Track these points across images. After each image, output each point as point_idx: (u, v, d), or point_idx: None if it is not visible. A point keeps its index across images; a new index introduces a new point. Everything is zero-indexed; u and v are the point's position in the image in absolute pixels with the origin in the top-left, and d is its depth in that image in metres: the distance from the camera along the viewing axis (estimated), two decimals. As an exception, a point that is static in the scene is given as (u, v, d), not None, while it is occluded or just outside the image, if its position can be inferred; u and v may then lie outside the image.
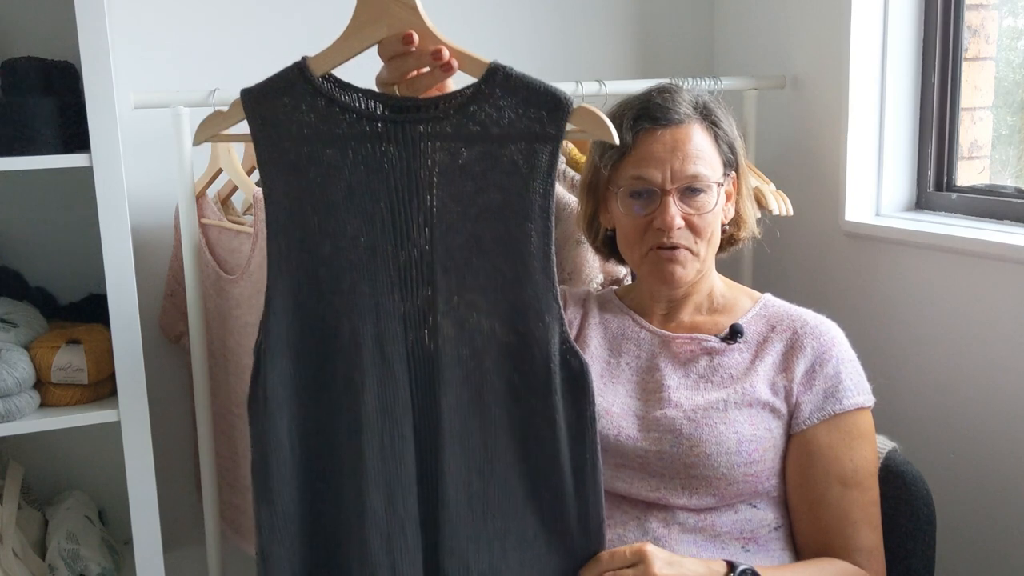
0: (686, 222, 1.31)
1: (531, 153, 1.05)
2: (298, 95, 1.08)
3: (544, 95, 1.05)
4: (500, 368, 1.11)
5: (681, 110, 1.32)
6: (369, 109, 1.08)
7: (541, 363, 1.10)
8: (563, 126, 1.05)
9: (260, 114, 1.09)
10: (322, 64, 1.09)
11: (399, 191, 1.09)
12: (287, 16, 1.97)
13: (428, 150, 1.07)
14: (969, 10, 1.87)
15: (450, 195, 1.08)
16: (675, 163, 1.30)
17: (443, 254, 1.09)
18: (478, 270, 1.09)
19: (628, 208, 1.34)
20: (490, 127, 1.06)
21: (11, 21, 1.76)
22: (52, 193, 1.81)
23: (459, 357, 1.11)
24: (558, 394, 1.11)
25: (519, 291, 1.09)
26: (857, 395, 1.32)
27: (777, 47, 2.12)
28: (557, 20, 2.17)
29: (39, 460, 1.88)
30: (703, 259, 1.34)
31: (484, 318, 1.10)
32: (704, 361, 1.35)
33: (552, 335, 1.09)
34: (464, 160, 1.07)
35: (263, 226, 1.59)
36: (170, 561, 1.66)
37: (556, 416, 1.11)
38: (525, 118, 1.05)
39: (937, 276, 1.79)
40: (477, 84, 1.06)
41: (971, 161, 1.92)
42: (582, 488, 1.14)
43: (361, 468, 1.13)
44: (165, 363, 1.95)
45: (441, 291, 1.10)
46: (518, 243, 1.07)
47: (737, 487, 1.28)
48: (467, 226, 1.09)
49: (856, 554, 1.29)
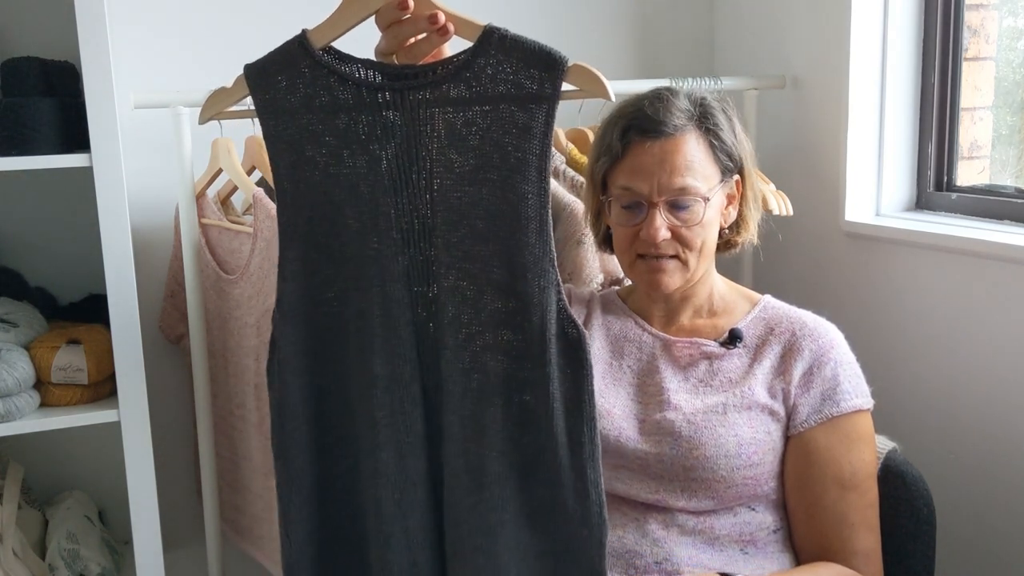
0: (674, 233, 1.31)
1: (528, 113, 1.06)
2: (299, 68, 1.10)
3: (539, 55, 1.05)
4: (497, 333, 1.11)
5: (673, 121, 1.30)
6: (369, 78, 1.09)
7: (537, 329, 1.09)
8: (559, 85, 1.05)
9: (263, 88, 1.11)
10: (322, 36, 1.10)
11: (400, 157, 1.10)
12: (287, 16, 1.97)
13: (427, 115, 1.09)
14: (969, 10, 1.87)
15: (449, 158, 1.09)
16: (662, 176, 1.29)
17: (443, 217, 1.11)
18: (476, 233, 1.10)
19: (619, 217, 1.35)
20: (487, 89, 1.06)
21: (11, 21, 1.75)
22: (52, 193, 1.81)
23: (459, 321, 1.12)
24: (553, 363, 1.10)
25: (515, 254, 1.09)
26: (855, 398, 1.32)
27: (777, 47, 2.12)
28: (557, 20, 2.17)
29: (39, 460, 1.88)
30: (693, 269, 1.34)
31: (482, 281, 1.11)
32: (704, 365, 1.35)
33: (548, 300, 1.09)
34: (462, 123, 1.08)
35: (263, 226, 1.60)
36: (170, 561, 1.66)
37: (551, 386, 1.10)
38: (521, 79, 1.06)
39: (937, 276, 1.79)
40: (473, 47, 1.07)
41: (971, 161, 1.92)
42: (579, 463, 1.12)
43: (373, 429, 1.15)
44: (165, 363, 1.95)
45: (441, 254, 1.11)
46: (514, 205, 1.08)
47: (736, 490, 1.28)
48: (466, 188, 1.10)
49: (853, 557, 1.29)
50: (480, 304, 1.11)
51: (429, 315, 1.13)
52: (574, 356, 1.11)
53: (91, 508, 1.86)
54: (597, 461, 1.12)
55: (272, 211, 1.55)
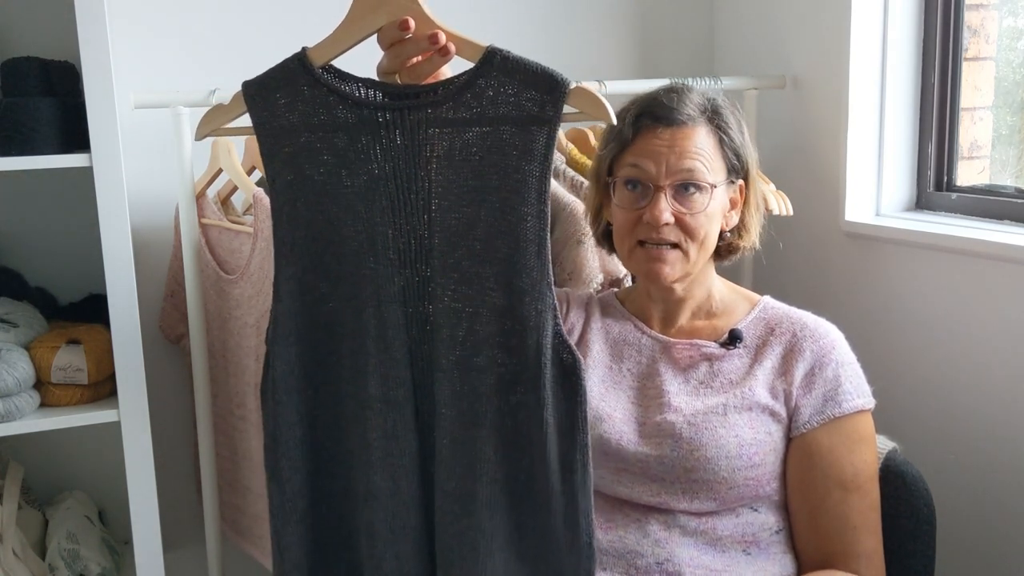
0: (677, 220, 1.31)
1: (528, 136, 1.06)
2: (299, 86, 1.09)
3: (541, 77, 1.05)
4: (492, 356, 1.11)
5: (686, 111, 1.31)
6: (369, 97, 1.09)
7: (532, 354, 1.09)
8: (560, 108, 1.05)
9: (261, 106, 1.10)
10: (322, 54, 1.09)
11: (398, 176, 1.10)
12: (287, 16, 1.97)
13: (427, 135, 1.08)
14: (969, 10, 1.87)
15: (448, 179, 1.09)
16: (671, 158, 1.30)
17: (440, 238, 1.10)
18: (474, 254, 1.10)
19: (622, 199, 1.34)
20: (487, 110, 1.06)
21: (11, 21, 1.75)
22: (52, 193, 1.81)
23: (454, 342, 1.11)
24: (547, 388, 1.10)
25: (513, 276, 1.09)
26: (857, 398, 1.32)
27: (777, 47, 2.12)
28: (557, 20, 2.17)
29: (39, 460, 1.88)
30: (693, 261, 1.34)
31: (479, 303, 1.10)
32: (704, 367, 1.35)
33: (545, 324, 1.09)
34: (462, 144, 1.08)
35: (263, 226, 1.60)
36: (170, 561, 1.66)
37: (544, 411, 1.10)
38: (522, 100, 1.05)
39: (937, 276, 1.79)
40: (475, 68, 1.07)
41: (971, 161, 1.92)
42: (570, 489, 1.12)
43: (366, 451, 1.14)
44: (165, 363, 1.95)
45: (438, 275, 1.11)
46: (514, 227, 1.08)
47: (738, 491, 1.27)
48: (464, 209, 1.09)
49: (855, 559, 1.29)
50: (476, 326, 1.10)
51: (424, 336, 1.13)
52: (568, 382, 1.10)
53: (91, 508, 1.86)
54: (588, 489, 1.12)
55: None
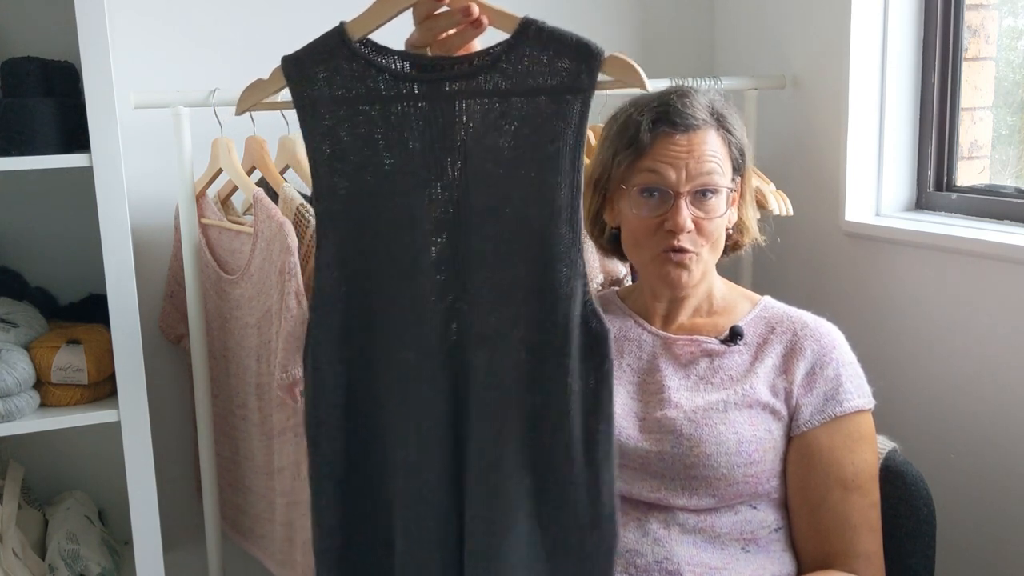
0: (695, 225, 1.31)
1: (563, 104, 1.07)
2: (337, 59, 1.10)
3: (576, 46, 1.07)
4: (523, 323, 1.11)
5: (699, 115, 1.32)
6: (405, 70, 1.10)
7: (562, 320, 1.09)
8: (595, 76, 1.06)
9: (300, 80, 1.11)
10: (360, 28, 1.10)
11: (434, 148, 1.11)
12: (288, 15, 1.97)
13: (462, 106, 1.09)
14: (969, 10, 1.87)
15: (483, 148, 1.10)
16: (690, 164, 1.30)
17: (475, 208, 1.11)
18: (508, 222, 1.10)
19: (639, 207, 1.34)
20: (522, 81, 1.07)
21: (11, 21, 1.75)
22: (52, 193, 1.81)
23: (486, 313, 1.12)
24: (574, 356, 1.10)
25: (547, 244, 1.09)
26: (857, 397, 1.32)
27: (777, 47, 2.12)
28: (557, 20, 2.16)
29: (39, 460, 1.88)
30: (705, 263, 1.35)
31: (512, 272, 1.11)
32: (704, 363, 1.35)
33: (575, 291, 1.09)
34: (497, 114, 1.09)
35: (263, 226, 1.59)
36: (170, 561, 1.66)
37: (569, 378, 1.10)
38: (557, 70, 1.07)
39: (937, 276, 1.79)
40: (510, 39, 1.08)
41: (971, 161, 1.92)
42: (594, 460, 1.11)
43: (400, 422, 1.15)
44: (165, 363, 1.95)
45: (473, 244, 1.12)
46: (547, 196, 1.08)
47: (737, 488, 1.28)
48: (499, 179, 1.10)
49: (855, 559, 1.29)
50: (509, 294, 1.11)
51: (457, 303, 1.13)
52: (596, 350, 1.10)
53: (91, 508, 1.86)
54: (612, 461, 1.12)
55: (272, 211, 1.55)
